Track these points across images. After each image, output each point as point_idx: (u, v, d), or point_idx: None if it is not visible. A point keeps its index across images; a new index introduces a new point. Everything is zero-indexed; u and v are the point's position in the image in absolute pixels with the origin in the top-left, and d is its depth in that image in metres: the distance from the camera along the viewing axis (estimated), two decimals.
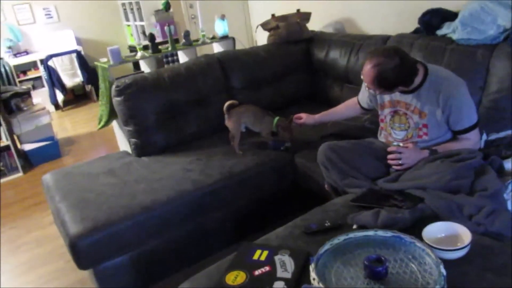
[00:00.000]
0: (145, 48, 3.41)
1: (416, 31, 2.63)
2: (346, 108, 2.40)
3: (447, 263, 1.26)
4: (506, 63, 2.10)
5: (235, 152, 2.51)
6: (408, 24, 2.71)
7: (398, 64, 1.77)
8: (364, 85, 2.18)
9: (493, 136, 2.07)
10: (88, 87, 6.45)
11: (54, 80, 5.90)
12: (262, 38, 3.83)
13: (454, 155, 1.82)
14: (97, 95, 6.43)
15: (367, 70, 1.83)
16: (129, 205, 2.08)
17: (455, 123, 1.89)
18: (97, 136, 4.89)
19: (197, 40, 3.54)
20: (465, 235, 1.40)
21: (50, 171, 2.64)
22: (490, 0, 2.24)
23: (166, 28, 3.31)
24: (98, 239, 1.93)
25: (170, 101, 2.71)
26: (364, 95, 2.23)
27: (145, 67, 3.38)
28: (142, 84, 2.66)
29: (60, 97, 6.12)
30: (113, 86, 2.65)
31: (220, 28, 3.52)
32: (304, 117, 2.42)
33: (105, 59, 3.25)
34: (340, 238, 1.46)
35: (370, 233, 1.47)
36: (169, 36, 3.31)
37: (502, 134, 2.08)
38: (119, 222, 1.99)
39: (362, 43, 2.85)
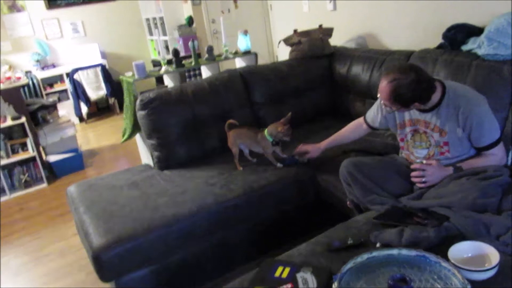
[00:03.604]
0: (168, 62, 3.47)
1: (440, 46, 2.61)
2: (350, 132, 2.36)
3: (474, 284, 1.23)
4: None
5: (237, 168, 2.56)
6: (432, 39, 2.70)
7: (414, 79, 1.77)
8: (377, 103, 2.17)
9: None
10: (112, 100, 6.58)
11: (79, 93, 6.04)
12: (283, 53, 3.86)
13: (480, 173, 1.78)
14: (120, 108, 6.59)
15: (383, 86, 1.84)
16: (152, 218, 2.10)
17: (477, 141, 1.86)
18: (120, 148, 4.97)
19: (220, 55, 3.59)
20: (493, 255, 1.37)
21: (73, 182, 2.69)
22: None
23: (190, 43, 3.36)
24: (121, 252, 1.95)
25: (193, 115, 2.75)
26: (376, 114, 2.20)
27: (168, 82, 3.44)
28: (166, 98, 2.70)
29: (84, 109, 6.26)
30: (138, 100, 2.70)
31: (243, 43, 3.56)
32: (310, 150, 2.38)
33: (130, 73, 3.32)
34: (363, 257, 1.44)
35: (394, 251, 1.45)
36: (192, 51, 3.37)
37: None
38: (142, 235, 2.01)
39: (385, 58, 2.84)
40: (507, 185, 1.73)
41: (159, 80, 5.42)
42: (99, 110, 6.87)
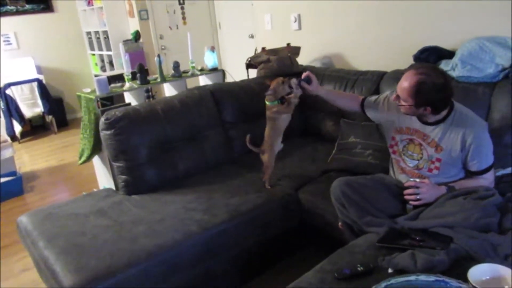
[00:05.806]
0: (132, 78, 3.23)
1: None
2: (347, 98, 2.31)
3: None
4: (507, 101, 2.16)
5: (265, 186, 2.39)
6: (400, 61, 2.74)
7: (443, 83, 1.76)
8: (380, 98, 2.12)
9: (500, 172, 2.09)
10: (49, 118, 6.07)
11: (11, 109, 5.53)
12: (237, 73, 3.71)
13: (472, 193, 1.79)
14: (59, 126, 6.12)
15: (408, 76, 1.79)
16: (130, 250, 1.88)
17: (472, 164, 1.87)
18: (60, 171, 4.56)
19: (186, 72, 3.42)
20: (509, 277, 1.35)
21: (12, 210, 2.36)
22: (488, 39, 2.33)
23: (156, 58, 3.17)
24: None
25: (164, 135, 2.56)
26: (374, 104, 2.13)
27: (131, 99, 3.20)
28: (134, 117, 2.49)
29: (17, 128, 5.71)
30: (102, 119, 2.47)
31: (210, 60, 3.43)
32: (314, 83, 2.21)
33: (88, 89, 3.04)
34: (381, 285, 1.38)
35: (412, 278, 1.40)
36: (158, 67, 3.17)
37: (508, 170, 2.11)
38: (123, 271, 1.78)
39: (356, 78, 2.85)
40: (500, 204, 1.76)
41: (107, 99, 5.00)
42: (33, 129, 6.30)
